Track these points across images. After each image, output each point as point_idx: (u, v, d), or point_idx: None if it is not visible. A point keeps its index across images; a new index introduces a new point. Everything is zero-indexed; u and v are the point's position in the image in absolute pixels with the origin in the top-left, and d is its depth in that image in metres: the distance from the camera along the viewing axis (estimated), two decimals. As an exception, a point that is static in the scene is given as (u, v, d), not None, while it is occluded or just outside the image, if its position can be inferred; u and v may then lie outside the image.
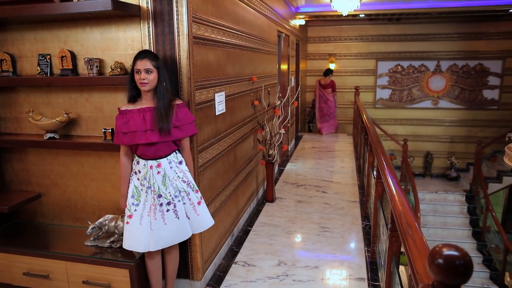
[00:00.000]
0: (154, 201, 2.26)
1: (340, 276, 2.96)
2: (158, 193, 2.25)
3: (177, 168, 2.32)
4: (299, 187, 5.08)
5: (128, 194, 2.31)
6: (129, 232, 2.30)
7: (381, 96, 10.11)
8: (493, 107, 9.61)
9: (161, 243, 2.29)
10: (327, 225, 3.87)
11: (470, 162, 9.28)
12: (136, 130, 2.20)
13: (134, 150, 2.30)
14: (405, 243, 1.52)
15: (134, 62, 2.19)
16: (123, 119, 2.24)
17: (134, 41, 2.47)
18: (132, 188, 2.30)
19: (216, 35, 2.94)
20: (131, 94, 2.26)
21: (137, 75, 2.19)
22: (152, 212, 2.26)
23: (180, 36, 2.38)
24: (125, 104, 2.29)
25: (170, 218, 2.28)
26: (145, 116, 2.21)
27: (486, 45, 9.36)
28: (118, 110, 2.27)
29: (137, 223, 2.27)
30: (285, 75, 6.59)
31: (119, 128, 2.24)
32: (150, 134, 2.20)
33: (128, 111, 2.24)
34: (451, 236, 7.80)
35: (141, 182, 2.27)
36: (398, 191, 2.02)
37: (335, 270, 3.05)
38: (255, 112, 4.23)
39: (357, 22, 9.73)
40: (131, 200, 2.29)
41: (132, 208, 2.28)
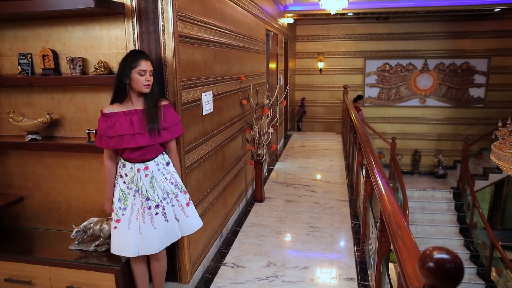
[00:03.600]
0: (142, 205, 2.20)
1: (330, 276, 2.95)
2: (146, 196, 2.20)
3: (165, 170, 2.27)
4: (288, 187, 5.06)
5: (114, 198, 2.24)
6: (117, 237, 2.23)
7: (369, 94, 10.16)
8: (479, 105, 9.74)
9: (151, 247, 2.23)
10: (316, 225, 3.85)
11: (457, 160, 9.40)
12: (123, 134, 2.12)
13: (119, 153, 2.22)
14: (394, 245, 1.50)
15: (137, 62, 2.09)
16: (107, 122, 2.13)
17: (118, 39, 2.41)
18: (119, 192, 2.22)
19: (203, 34, 2.89)
20: (120, 96, 2.14)
21: (141, 76, 2.10)
22: (141, 215, 2.20)
23: (166, 34, 2.33)
24: (108, 106, 2.17)
25: (159, 222, 2.23)
26: (132, 119, 2.14)
27: (472, 44, 9.48)
28: (101, 113, 2.15)
29: (125, 227, 2.20)
30: (274, 74, 6.57)
31: (104, 131, 2.13)
32: (139, 137, 2.13)
33: (113, 114, 2.13)
34: (439, 233, 7.89)
35: (127, 185, 2.21)
36: (387, 191, 2.01)
37: (324, 270, 3.03)
38: (244, 112, 4.20)
39: (345, 21, 9.76)
40: (117, 204, 2.22)
41: (120, 213, 2.21)
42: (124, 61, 2.10)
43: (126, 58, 2.12)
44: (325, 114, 10.38)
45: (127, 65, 2.09)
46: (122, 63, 2.11)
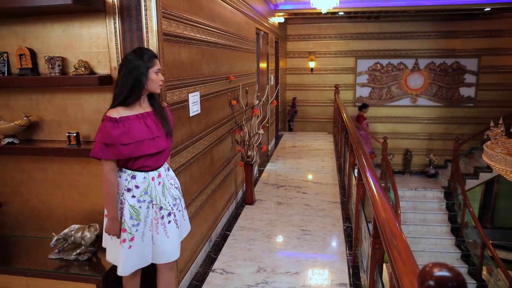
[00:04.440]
0: (156, 215, 2.06)
1: (322, 282, 2.86)
2: (160, 206, 2.06)
3: (169, 175, 2.17)
4: (279, 188, 4.97)
5: (125, 217, 1.99)
6: (132, 256, 2.03)
7: (360, 94, 10.13)
8: (470, 104, 9.76)
9: (167, 256, 2.14)
10: (307, 228, 3.77)
11: (448, 159, 9.40)
12: (142, 139, 1.95)
13: (130, 163, 1.98)
14: (389, 254, 1.42)
15: (154, 61, 1.97)
16: (120, 128, 1.89)
17: (100, 38, 2.30)
18: (128, 209, 1.99)
19: (189, 32, 2.79)
20: (133, 97, 1.94)
21: (157, 75, 1.98)
22: (154, 226, 2.07)
23: (149, 32, 2.22)
24: (112, 111, 1.91)
25: (172, 230, 2.12)
26: (146, 122, 1.99)
27: (462, 44, 9.49)
28: (109, 119, 1.89)
29: (139, 242, 2.05)
30: (264, 73, 6.48)
31: (117, 139, 1.88)
32: (159, 141, 2.01)
33: (125, 119, 1.92)
34: (431, 233, 7.88)
35: (138, 198, 2.01)
36: (381, 196, 1.93)
37: (316, 276, 2.95)
38: (233, 112, 4.10)
39: (336, 20, 9.70)
40: (130, 222, 2.00)
41: (133, 230, 2.01)
42: (138, 60, 1.92)
43: (141, 56, 1.93)
44: (316, 114, 10.32)
45: (144, 64, 1.93)
46: (135, 62, 1.91)
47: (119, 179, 2.00)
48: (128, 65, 1.92)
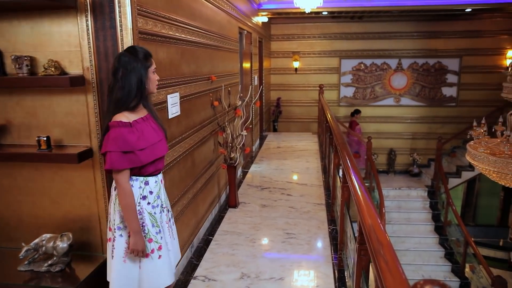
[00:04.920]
0: (166, 218, 2.04)
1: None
2: (167, 208, 2.09)
3: None
4: (264, 190, 4.89)
5: (148, 226, 1.91)
6: (161, 266, 1.94)
7: (345, 94, 10.13)
8: (452, 104, 9.86)
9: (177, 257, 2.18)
10: (292, 231, 3.70)
11: (431, 158, 9.49)
12: (155, 142, 1.91)
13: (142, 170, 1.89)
14: (376, 265, 1.35)
15: (151, 60, 1.89)
16: (136, 132, 1.81)
17: (71, 36, 2.17)
18: (148, 218, 1.92)
19: (167, 31, 2.68)
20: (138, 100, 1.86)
21: (154, 75, 1.92)
22: (167, 231, 2.04)
23: (123, 31, 2.11)
24: (120, 115, 1.80)
25: (175, 230, 2.18)
26: (151, 124, 1.94)
27: (444, 44, 9.59)
28: (123, 123, 1.78)
29: (166, 250, 1.99)
30: (248, 73, 6.39)
31: (135, 144, 1.79)
32: (163, 142, 2.01)
33: (136, 122, 1.84)
34: (415, 232, 7.92)
35: (153, 204, 1.95)
36: (367, 200, 1.86)
37: (301, 281, 2.88)
38: (215, 114, 3.99)
39: (320, 20, 9.68)
40: (154, 230, 1.93)
41: (158, 238, 1.95)
42: (136, 60, 1.82)
43: (138, 56, 1.83)
44: (301, 114, 10.28)
45: (143, 64, 1.84)
46: (133, 63, 1.80)
47: (132, 188, 1.89)
48: (126, 67, 1.80)
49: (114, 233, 1.90)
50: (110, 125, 1.80)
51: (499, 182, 4.03)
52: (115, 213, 1.90)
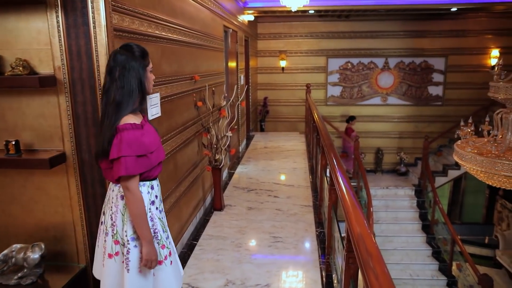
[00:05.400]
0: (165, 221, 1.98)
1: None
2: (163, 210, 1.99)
3: None
4: (250, 192, 4.79)
5: (159, 232, 1.83)
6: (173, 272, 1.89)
7: (332, 93, 10.09)
8: (438, 103, 9.91)
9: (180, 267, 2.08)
10: (279, 234, 3.60)
11: (418, 157, 9.51)
12: (159, 144, 1.86)
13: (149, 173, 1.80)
14: (365, 277, 1.26)
15: (148, 58, 1.79)
16: (146, 134, 1.74)
17: (40, 33, 2.03)
18: (159, 223, 1.84)
19: (146, 28, 2.55)
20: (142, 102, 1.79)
21: (151, 75, 1.83)
22: None
23: (97, 28, 1.98)
24: (128, 117, 1.70)
25: None
26: (150, 126, 1.87)
27: (430, 43, 9.62)
28: (136, 126, 1.69)
29: (174, 254, 1.94)
30: (234, 73, 6.27)
31: (149, 147, 1.72)
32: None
33: (144, 124, 1.78)
34: (403, 231, 7.92)
35: (160, 209, 1.89)
36: (356, 205, 1.77)
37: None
38: (199, 114, 3.88)
39: (307, 18, 9.62)
40: (164, 235, 1.86)
41: (168, 243, 1.88)
42: (134, 59, 1.71)
43: (135, 54, 1.73)
44: (288, 114, 10.21)
45: (141, 62, 1.74)
46: (131, 62, 1.70)
47: (143, 194, 1.78)
48: (123, 65, 1.69)
49: (127, 245, 1.75)
50: (120, 128, 1.66)
51: (486, 182, 4.00)
52: (127, 224, 1.76)
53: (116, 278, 1.78)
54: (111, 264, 1.78)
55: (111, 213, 1.79)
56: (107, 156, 1.69)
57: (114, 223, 1.77)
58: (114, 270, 1.78)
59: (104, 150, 1.70)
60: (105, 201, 1.88)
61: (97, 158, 1.79)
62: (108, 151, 1.68)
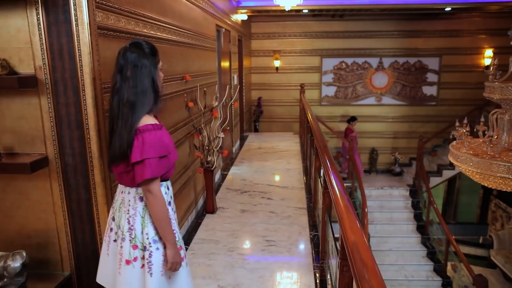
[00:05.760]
0: None
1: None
2: None
3: None
4: (243, 194, 4.71)
5: (177, 233, 1.80)
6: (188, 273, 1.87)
7: (326, 93, 10.04)
8: (432, 103, 9.89)
9: None
10: (272, 238, 3.53)
11: (412, 157, 9.49)
12: (173, 143, 1.82)
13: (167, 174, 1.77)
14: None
15: (158, 56, 1.73)
16: (166, 135, 1.71)
17: (20, 31, 1.94)
18: (176, 224, 1.82)
19: (134, 27, 2.47)
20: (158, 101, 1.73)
21: (161, 73, 1.77)
22: None
23: (79, 25, 1.89)
24: (148, 118, 1.66)
25: None
26: None
27: (424, 43, 9.60)
28: (157, 126, 1.66)
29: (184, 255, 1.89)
30: (227, 73, 6.19)
31: (170, 147, 1.70)
32: None
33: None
34: (397, 232, 7.88)
35: (174, 209, 1.87)
36: (350, 211, 1.70)
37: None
38: (190, 115, 3.79)
39: (301, 18, 9.56)
40: (180, 236, 1.85)
41: (182, 243, 1.86)
42: (145, 56, 1.65)
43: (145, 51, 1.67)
44: (282, 114, 10.14)
45: (153, 61, 1.68)
46: (143, 60, 1.64)
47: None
48: (135, 64, 1.62)
49: (149, 248, 1.69)
50: (141, 130, 1.61)
51: (482, 183, 3.96)
52: (148, 226, 1.70)
53: (136, 284, 1.71)
54: (129, 271, 1.71)
55: (128, 216, 1.71)
56: (125, 159, 1.63)
57: (132, 227, 1.70)
58: (133, 277, 1.71)
59: (123, 153, 1.62)
60: (115, 206, 1.79)
61: (113, 161, 1.70)
62: (127, 154, 1.61)
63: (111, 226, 1.80)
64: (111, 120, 1.70)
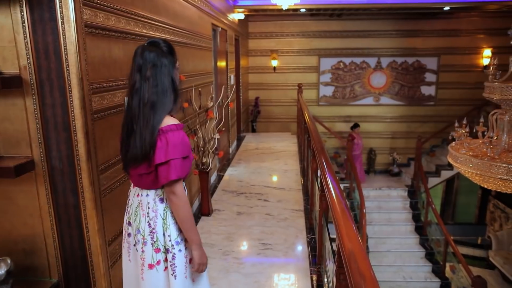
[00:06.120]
0: None
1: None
2: None
3: None
4: (240, 196, 4.63)
5: None
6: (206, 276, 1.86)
7: (324, 93, 9.97)
8: (430, 103, 9.85)
9: None
10: (268, 241, 3.46)
11: (411, 157, 9.44)
12: None
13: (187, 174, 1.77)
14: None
15: (175, 55, 1.70)
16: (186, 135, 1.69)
17: (3, 29, 1.86)
18: None
19: (124, 25, 2.39)
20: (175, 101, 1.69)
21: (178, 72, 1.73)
22: None
23: (65, 23, 1.82)
24: (170, 118, 1.64)
25: None
26: None
27: (423, 43, 9.55)
28: (180, 126, 1.64)
29: None
30: (224, 72, 6.12)
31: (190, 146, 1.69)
32: None
33: None
34: (396, 232, 7.83)
35: None
36: (347, 216, 1.63)
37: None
38: (185, 116, 3.71)
39: (298, 17, 9.49)
40: None
41: None
42: (163, 54, 1.63)
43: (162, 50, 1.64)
44: (280, 114, 10.08)
45: (171, 60, 1.66)
46: (162, 58, 1.61)
47: None
48: (154, 63, 1.60)
49: (172, 251, 1.66)
50: (164, 130, 1.58)
51: (482, 185, 3.89)
52: (170, 228, 1.67)
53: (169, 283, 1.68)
54: (152, 275, 1.67)
55: (149, 219, 1.67)
56: (146, 161, 1.59)
57: (153, 230, 1.67)
58: (157, 281, 1.68)
59: (145, 154, 1.58)
60: (130, 210, 1.74)
61: (133, 163, 1.64)
62: (149, 155, 1.57)
63: (128, 232, 1.76)
64: (129, 121, 1.64)
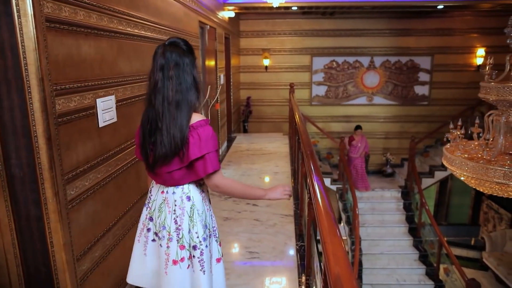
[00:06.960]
0: None
1: (269, 322, 2.40)
2: None
3: None
4: (227, 200, 4.46)
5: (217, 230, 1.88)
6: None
7: (317, 93, 9.83)
8: (424, 102, 9.74)
9: None
10: (256, 249, 3.29)
11: (404, 158, 9.32)
12: None
13: None
14: None
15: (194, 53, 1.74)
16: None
17: (-46, 24, 1.67)
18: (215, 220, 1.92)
19: (96, 21, 2.21)
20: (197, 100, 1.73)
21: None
22: None
23: (22, 18, 1.63)
24: (196, 115, 1.70)
25: None
26: None
27: (416, 42, 9.44)
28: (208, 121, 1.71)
29: None
30: (213, 72, 5.94)
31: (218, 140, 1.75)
32: None
33: None
34: (389, 234, 7.72)
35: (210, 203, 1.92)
36: (336, 233, 1.45)
37: (262, 314, 2.48)
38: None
39: (290, 16, 9.33)
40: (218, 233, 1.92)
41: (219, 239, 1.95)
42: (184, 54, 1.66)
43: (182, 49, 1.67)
44: (272, 114, 9.91)
45: (192, 59, 1.70)
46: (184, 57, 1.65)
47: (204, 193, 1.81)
48: (177, 62, 1.63)
49: (200, 247, 1.72)
50: (195, 126, 1.64)
51: (477, 189, 3.76)
52: (196, 225, 1.72)
53: (183, 283, 1.72)
54: (176, 271, 1.72)
55: (175, 216, 1.72)
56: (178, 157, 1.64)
57: (179, 227, 1.71)
58: (180, 276, 1.72)
59: (176, 151, 1.62)
60: (153, 206, 1.78)
61: (163, 161, 1.65)
62: (180, 152, 1.62)
63: (148, 227, 1.81)
64: (152, 119, 1.65)
